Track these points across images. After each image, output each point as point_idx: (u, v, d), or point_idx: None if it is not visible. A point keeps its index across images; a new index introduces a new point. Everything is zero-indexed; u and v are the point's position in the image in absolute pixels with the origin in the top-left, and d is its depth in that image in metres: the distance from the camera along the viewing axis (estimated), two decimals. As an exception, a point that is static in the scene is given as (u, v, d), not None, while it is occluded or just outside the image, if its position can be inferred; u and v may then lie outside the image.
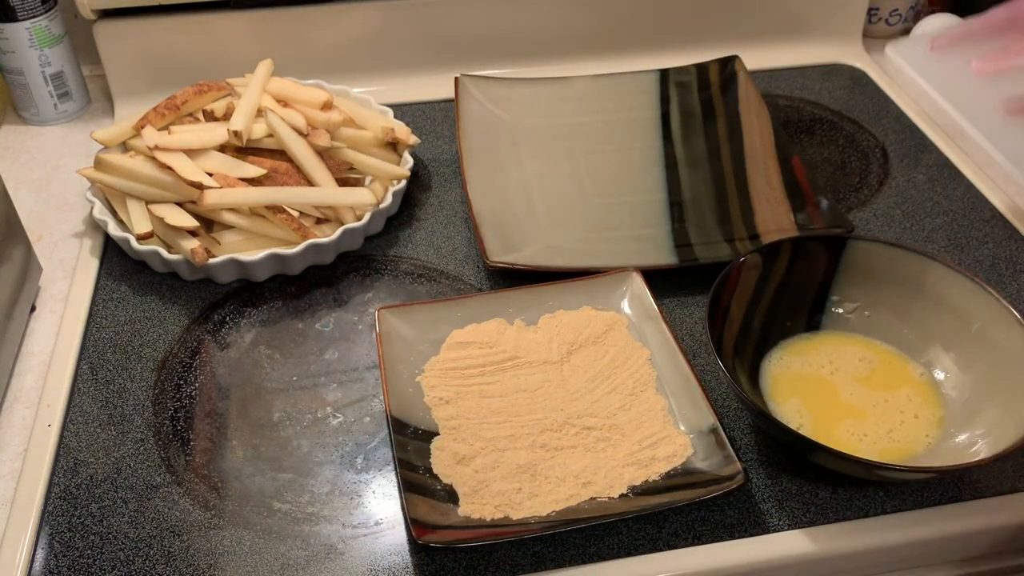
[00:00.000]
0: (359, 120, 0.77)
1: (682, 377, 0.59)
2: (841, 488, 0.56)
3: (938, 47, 0.63)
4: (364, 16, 0.88)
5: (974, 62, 0.61)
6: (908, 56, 0.67)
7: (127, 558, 0.52)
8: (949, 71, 0.64)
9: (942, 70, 0.64)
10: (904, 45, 0.66)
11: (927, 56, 0.66)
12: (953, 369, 0.59)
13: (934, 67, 0.65)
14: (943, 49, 0.63)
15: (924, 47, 0.66)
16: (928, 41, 0.64)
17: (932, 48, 0.64)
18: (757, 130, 0.82)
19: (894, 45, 0.67)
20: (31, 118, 0.88)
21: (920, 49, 0.66)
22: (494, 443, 0.56)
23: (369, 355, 0.64)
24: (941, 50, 0.63)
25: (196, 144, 0.69)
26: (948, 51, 0.63)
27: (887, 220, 0.77)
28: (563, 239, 0.72)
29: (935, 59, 0.66)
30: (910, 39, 0.66)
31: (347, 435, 0.59)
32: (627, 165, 0.80)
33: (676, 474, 0.54)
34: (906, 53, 0.67)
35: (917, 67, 0.66)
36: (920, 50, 0.66)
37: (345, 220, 0.71)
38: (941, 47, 0.63)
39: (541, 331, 0.63)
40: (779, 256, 0.62)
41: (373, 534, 0.53)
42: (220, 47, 0.87)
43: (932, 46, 0.64)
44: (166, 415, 0.60)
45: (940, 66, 0.65)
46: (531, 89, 0.87)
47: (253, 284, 0.70)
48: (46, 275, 0.71)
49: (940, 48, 0.63)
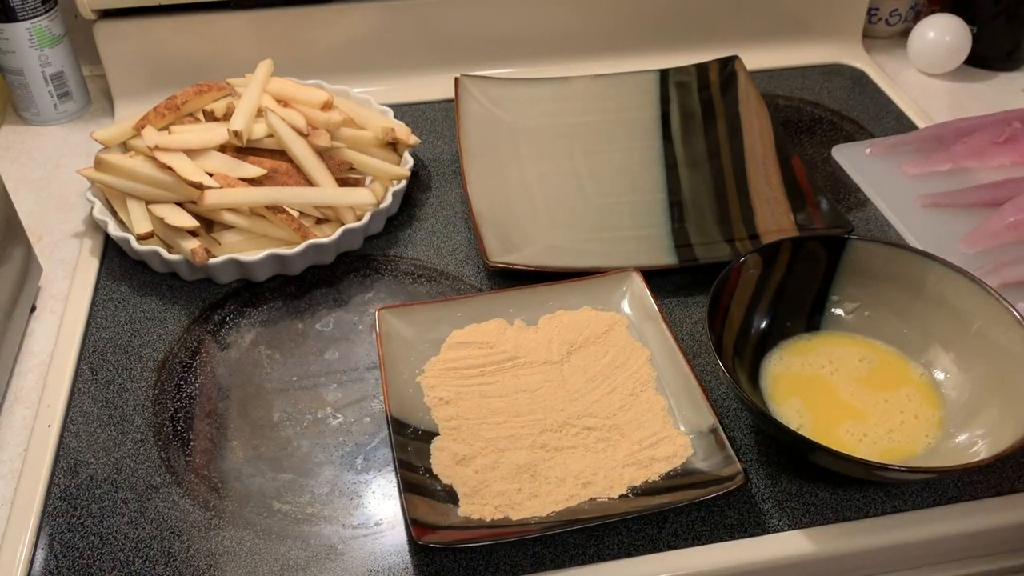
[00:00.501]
0: (359, 120, 0.77)
1: (682, 377, 0.59)
2: (841, 488, 0.56)
3: (875, 152, 0.81)
4: (364, 16, 0.88)
5: (903, 165, 0.79)
6: (849, 157, 0.82)
7: (127, 558, 0.52)
8: (882, 171, 0.79)
9: (876, 170, 0.80)
10: (848, 148, 0.83)
11: (865, 157, 0.81)
12: (953, 369, 0.59)
13: (869, 167, 0.80)
14: (879, 154, 0.81)
15: (865, 151, 0.82)
16: (867, 147, 0.82)
17: (870, 153, 0.82)
18: (757, 130, 0.82)
19: (839, 149, 0.83)
20: (31, 118, 0.88)
21: (861, 152, 0.82)
22: (494, 443, 0.56)
23: (369, 355, 0.64)
24: (877, 155, 0.81)
25: (196, 144, 0.69)
26: (883, 155, 0.81)
27: (887, 220, 0.77)
28: (563, 239, 0.72)
29: (871, 160, 0.81)
30: (854, 144, 0.84)
31: (347, 435, 0.59)
32: (627, 165, 0.80)
33: (676, 474, 0.54)
34: (848, 154, 0.82)
35: (856, 167, 0.81)
36: (861, 153, 0.82)
37: (345, 220, 0.71)
38: (878, 153, 0.81)
39: (541, 331, 0.63)
40: (779, 256, 0.62)
41: (373, 534, 0.53)
42: (220, 47, 0.87)
43: (871, 151, 0.82)
44: (166, 415, 0.60)
45: (874, 166, 0.80)
46: (531, 89, 0.87)
47: (253, 284, 0.70)
48: (46, 275, 0.71)
49: (877, 153, 0.81)
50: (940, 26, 0.94)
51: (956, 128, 0.81)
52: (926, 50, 0.95)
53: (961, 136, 0.80)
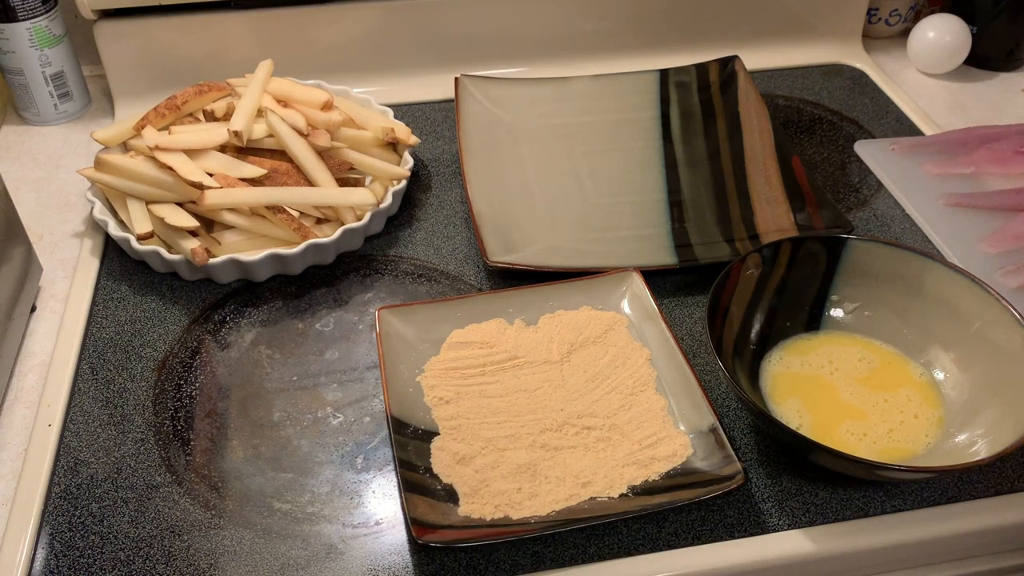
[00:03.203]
0: (359, 120, 0.77)
1: (682, 377, 0.59)
2: (841, 488, 0.56)
3: (899, 150, 0.83)
4: (364, 16, 0.88)
5: (925, 164, 0.81)
6: (872, 153, 0.83)
7: (127, 558, 0.52)
8: (904, 169, 0.81)
9: (898, 167, 0.81)
10: (871, 144, 0.84)
11: (888, 154, 0.83)
12: (953, 369, 0.59)
13: (892, 164, 0.82)
14: (902, 152, 0.83)
15: (888, 148, 0.83)
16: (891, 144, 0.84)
17: (894, 150, 0.83)
18: (757, 130, 0.82)
19: (862, 144, 0.84)
20: (31, 118, 0.88)
21: (884, 149, 0.83)
22: (494, 443, 0.56)
23: (369, 355, 0.64)
24: (900, 153, 0.83)
25: (196, 144, 0.69)
26: (906, 154, 0.82)
27: (887, 220, 0.77)
28: (563, 239, 0.72)
29: (894, 158, 0.82)
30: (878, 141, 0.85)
31: (347, 435, 0.59)
32: (627, 165, 0.80)
33: (676, 474, 0.54)
34: (870, 150, 0.84)
35: (879, 163, 0.82)
36: (884, 150, 0.83)
37: (345, 220, 0.71)
38: (901, 151, 0.83)
39: (541, 331, 0.63)
40: (779, 256, 0.62)
41: (373, 534, 0.53)
42: (220, 47, 0.87)
43: (894, 149, 0.83)
44: (166, 415, 0.60)
45: (897, 164, 0.82)
46: (531, 89, 0.87)
47: (253, 284, 0.70)
48: (46, 275, 0.71)
49: (900, 151, 0.83)
50: (940, 26, 0.94)
51: (980, 134, 0.83)
52: (926, 50, 0.95)
53: (985, 142, 0.82)
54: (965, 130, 0.84)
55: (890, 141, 0.84)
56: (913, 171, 0.81)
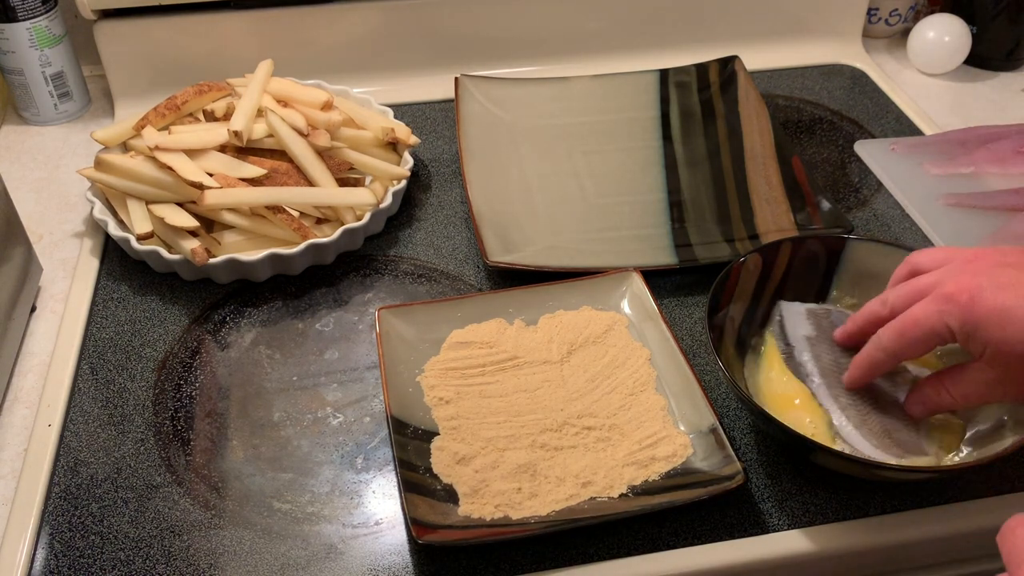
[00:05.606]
0: (359, 120, 0.77)
1: (682, 377, 0.59)
2: (841, 488, 0.56)
3: (899, 150, 0.83)
4: (364, 16, 0.88)
5: (925, 164, 0.81)
6: (872, 153, 0.83)
7: (127, 558, 0.52)
8: (904, 168, 0.81)
9: (898, 167, 0.81)
10: (871, 144, 0.84)
11: (888, 154, 0.83)
12: (953, 369, 0.59)
13: (892, 164, 0.82)
14: (902, 152, 0.83)
15: (888, 148, 0.84)
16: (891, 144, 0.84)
17: (893, 150, 0.83)
18: (757, 130, 0.82)
19: (862, 144, 0.85)
20: (31, 118, 0.88)
21: (884, 149, 0.84)
22: (494, 443, 0.56)
23: (369, 355, 0.64)
24: (900, 152, 0.83)
25: (196, 144, 0.69)
26: (906, 154, 0.82)
27: (887, 220, 0.77)
28: (563, 239, 0.72)
29: (894, 157, 0.82)
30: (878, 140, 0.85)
31: (347, 435, 0.59)
32: (627, 165, 0.80)
33: (676, 474, 0.54)
34: (870, 150, 0.84)
35: (879, 162, 0.82)
36: (884, 149, 0.84)
37: (345, 220, 0.71)
38: (901, 151, 0.83)
39: (541, 331, 0.63)
40: (779, 256, 0.62)
41: (373, 534, 0.53)
42: (220, 47, 0.87)
43: (894, 148, 0.83)
44: (166, 415, 0.60)
45: (897, 164, 0.82)
46: (531, 89, 0.87)
47: (253, 284, 0.70)
48: (46, 275, 0.71)
49: (900, 151, 0.83)
50: (940, 26, 0.94)
51: (980, 134, 0.83)
52: (926, 50, 0.95)
53: (985, 142, 0.82)
54: (965, 130, 0.84)
55: (890, 141, 0.84)
56: (913, 171, 0.80)
